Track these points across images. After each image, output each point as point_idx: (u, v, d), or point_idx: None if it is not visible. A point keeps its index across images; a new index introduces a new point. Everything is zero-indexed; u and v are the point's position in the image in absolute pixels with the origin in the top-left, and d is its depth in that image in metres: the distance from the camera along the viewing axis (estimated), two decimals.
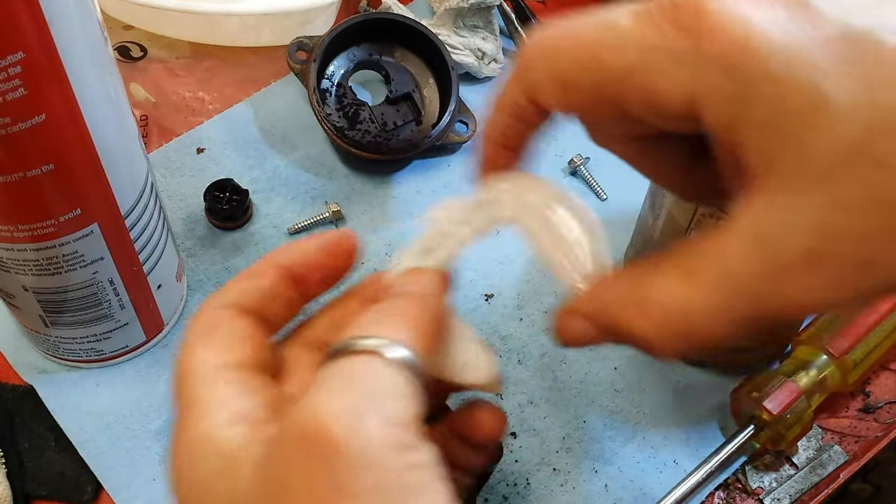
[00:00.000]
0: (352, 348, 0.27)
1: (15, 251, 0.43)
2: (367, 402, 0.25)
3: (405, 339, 0.28)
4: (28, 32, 0.35)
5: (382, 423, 0.25)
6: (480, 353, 0.34)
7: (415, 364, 0.27)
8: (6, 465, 0.50)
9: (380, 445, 0.24)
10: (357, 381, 0.26)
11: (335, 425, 0.24)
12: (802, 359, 0.52)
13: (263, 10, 0.63)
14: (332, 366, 0.27)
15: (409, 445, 0.25)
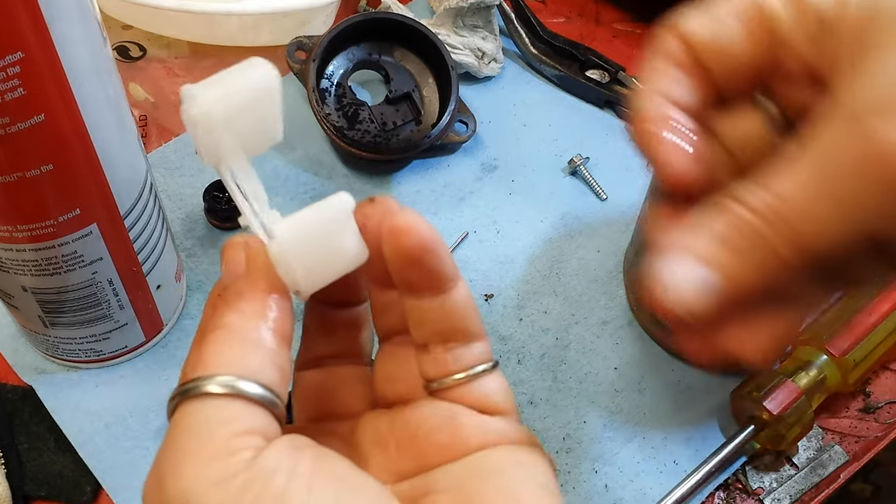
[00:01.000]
0: (178, 395, 0.27)
1: (14, 251, 0.43)
2: (173, 453, 0.26)
3: (231, 368, 0.27)
4: (27, 32, 0.35)
5: (193, 468, 0.25)
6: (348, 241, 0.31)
7: (234, 388, 0.27)
8: (5, 466, 0.50)
9: (194, 490, 0.25)
10: (169, 435, 0.27)
11: (149, 492, 0.26)
12: (803, 359, 0.52)
13: (262, 9, 0.63)
14: (172, 416, 0.27)
15: (229, 473, 0.25)
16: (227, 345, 0.27)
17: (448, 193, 0.61)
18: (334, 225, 0.29)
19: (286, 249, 0.29)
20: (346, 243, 0.29)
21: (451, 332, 0.31)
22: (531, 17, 0.67)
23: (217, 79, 0.30)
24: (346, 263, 0.30)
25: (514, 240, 0.60)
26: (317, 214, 0.29)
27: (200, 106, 0.29)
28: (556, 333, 0.56)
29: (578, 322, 0.57)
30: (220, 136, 0.29)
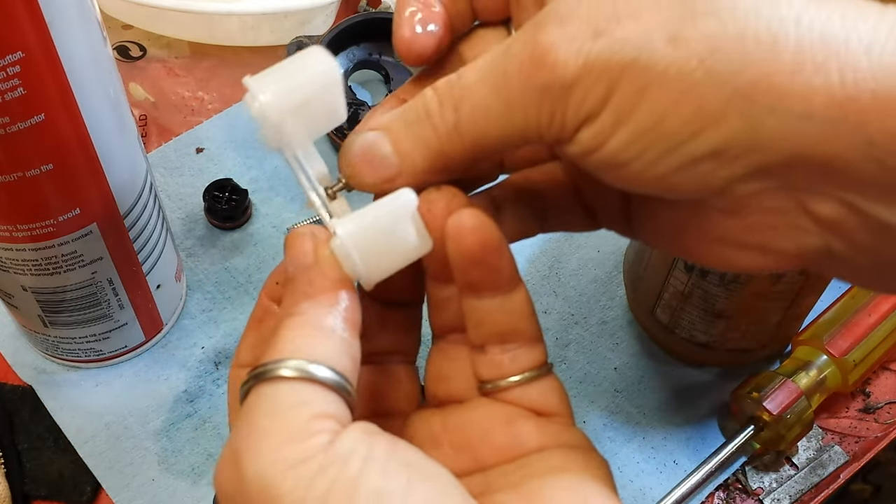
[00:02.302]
0: (253, 377, 0.27)
1: (14, 251, 0.43)
2: (250, 434, 0.26)
3: (306, 354, 0.27)
4: (27, 32, 0.35)
5: (271, 448, 0.25)
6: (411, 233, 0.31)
7: (308, 372, 0.27)
8: (5, 466, 0.50)
9: (273, 470, 0.25)
10: (246, 415, 0.27)
11: (226, 472, 0.26)
12: (802, 359, 0.52)
13: (263, 9, 0.63)
14: (245, 399, 0.28)
15: (306, 455, 0.25)
16: (301, 331, 0.28)
17: None
18: (398, 222, 0.29)
19: (349, 244, 0.29)
20: (408, 237, 0.29)
21: (509, 334, 0.31)
22: None
23: (279, 71, 0.30)
24: (409, 254, 0.30)
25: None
26: (381, 210, 0.29)
27: (265, 102, 0.30)
28: (556, 333, 0.56)
29: (578, 322, 0.57)
30: (285, 128, 0.30)
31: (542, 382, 0.31)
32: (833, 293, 0.54)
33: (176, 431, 0.51)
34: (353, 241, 0.29)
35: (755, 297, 0.48)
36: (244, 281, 0.57)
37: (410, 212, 0.29)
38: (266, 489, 0.25)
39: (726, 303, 0.48)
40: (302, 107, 0.30)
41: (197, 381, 0.53)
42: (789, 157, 0.24)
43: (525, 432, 0.30)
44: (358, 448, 0.26)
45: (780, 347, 0.54)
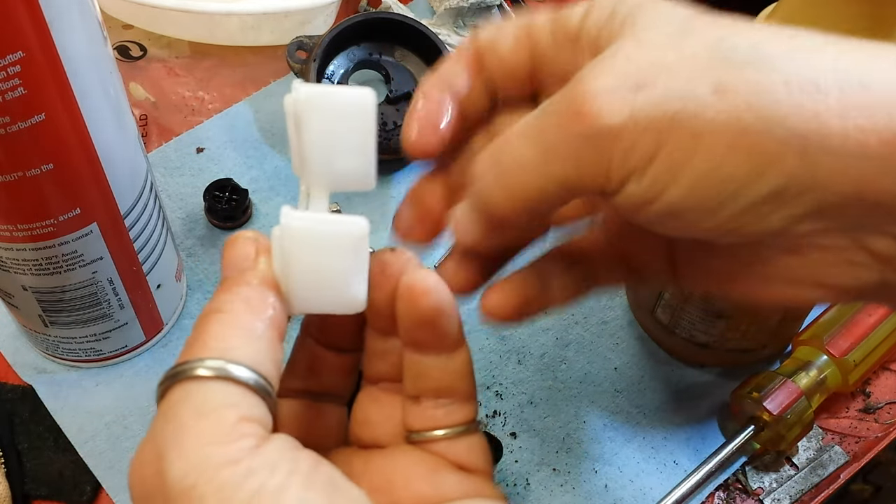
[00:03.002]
0: (171, 376, 0.27)
1: (14, 251, 0.43)
2: (176, 432, 0.26)
3: (224, 351, 0.27)
4: (27, 32, 0.35)
5: (197, 448, 0.25)
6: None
7: (231, 373, 0.27)
8: (5, 465, 0.50)
9: (199, 470, 0.25)
10: (170, 413, 0.26)
11: (146, 467, 0.26)
12: (803, 359, 0.52)
13: (263, 9, 0.63)
14: (167, 396, 0.27)
15: (233, 458, 0.25)
16: (227, 330, 0.28)
17: None
18: (340, 240, 0.29)
19: (289, 238, 0.29)
20: (349, 278, 0.29)
21: (446, 391, 0.32)
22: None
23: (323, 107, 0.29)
24: (342, 300, 0.30)
25: None
26: (331, 225, 0.29)
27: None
28: (556, 333, 0.56)
29: (578, 322, 0.57)
30: (314, 166, 0.30)
31: (470, 438, 0.33)
32: None
33: None
34: (291, 239, 0.28)
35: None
36: None
37: (355, 246, 0.29)
38: (191, 489, 0.25)
39: (726, 303, 0.48)
40: (334, 152, 0.30)
41: None
42: (846, 195, 0.25)
43: (448, 483, 0.31)
44: (284, 459, 0.26)
45: (781, 347, 0.54)
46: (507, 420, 0.53)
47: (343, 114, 0.29)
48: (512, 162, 0.28)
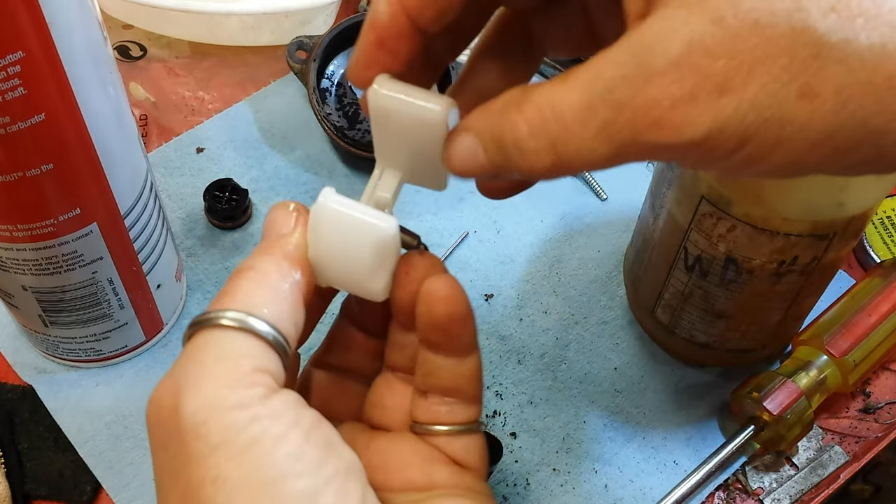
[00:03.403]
0: (198, 322, 0.29)
1: (14, 251, 0.43)
2: (195, 372, 0.28)
3: (250, 306, 0.29)
4: (27, 32, 0.35)
5: (213, 389, 0.27)
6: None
7: (253, 327, 0.28)
8: (5, 465, 0.50)
9: (210, 408, 0.27)
10: (192, 355, 0.28)
11: (164, 400, 0.28)
12: (802, 359, 0.52)
13: (263, 9, 0.63)
14: (192, 340, 0.29)
15: (243, 403, 0.27)
16: (255, 286, 0.29)
17: (448, 193, 0.61)
18: (364, 242, 0.31)
19: (320, 217, 0.31)
20: (370, 269, 0.31)
21: (453, 391, 0.33)
22: None
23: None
24: (362, 286, 0.31)
25: (514, 240, 0.60)
26: (359, 220, 0.31)
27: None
28: (556, 333, 0.56)
29: (578, 322, 0.57)
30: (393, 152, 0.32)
31: (469, 438, 0.34)
32: (833, 293, 0.54)
33: None
34: (321, 218, 0.31)
35: (755, 297, 0.48)
36: None
37: (378, 237, 0.30)
38: (199, 425, 0.26)
39: (726, 303, 0.48)
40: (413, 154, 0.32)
41: None
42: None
43: (439, 475, 0.33)
44: (288, 412, 0.27)
45: (781, 347, 0.54)
46: (507, 420, 0.53)
47: (414, 121, 0.30)
48: (577, 151, 0.26)
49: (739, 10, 0.24)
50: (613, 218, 0.61)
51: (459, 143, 0.29)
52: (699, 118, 0.24)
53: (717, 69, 0.24)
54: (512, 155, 0.28)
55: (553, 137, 0.26)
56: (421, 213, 0.60)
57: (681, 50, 0.24)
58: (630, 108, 0.25)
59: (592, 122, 0.26)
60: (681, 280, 0.49)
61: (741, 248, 0.45)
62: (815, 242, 0.44)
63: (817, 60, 0.24)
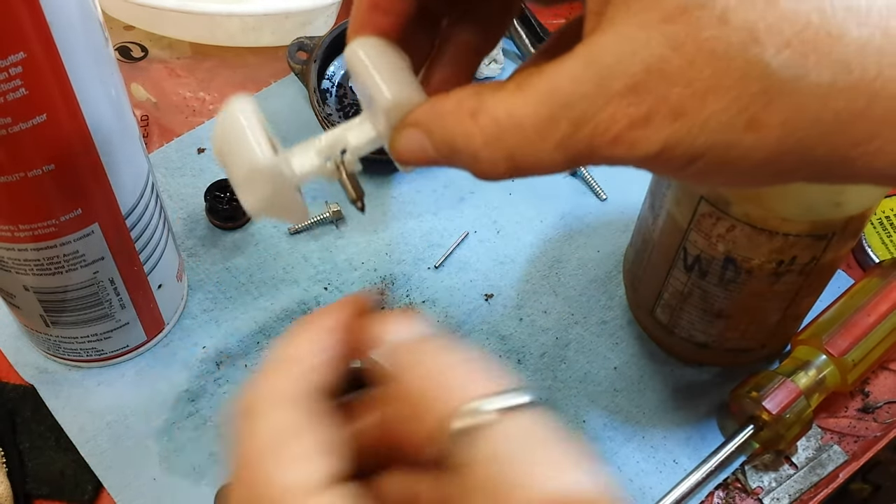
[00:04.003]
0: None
1: (16, 251, 0.43)
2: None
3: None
4: (29, 33, 0.35)
5: None
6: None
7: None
8: (7, 465, 0.50)
9: None
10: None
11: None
12: (802, 358, 0.52)
13: (264, 10, 0.63)
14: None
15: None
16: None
17: (448, 193, 0.61)
18: (244, 164, 0.31)
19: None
20: (243, 185, 0.31)
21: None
22: (531, 17, 0.67)
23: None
24: (238, 190, 0.31)
25: (514, 240, 0.60)
26: (247, 142, 0.31)
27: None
28: (556, 333, 0.56)
29: (578, 322, 0.57)
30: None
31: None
32: (832, 293, 0.54)
33: (177, 431, 0.52)
34: (226, 117, 0.31)
35: (754, 296, 0.48)
36: (245, 281, 0.57)
37: (249, 161, 0.30)
38: None
39: (725, 303, 0.49)
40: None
41: (198, 380, 0.53)
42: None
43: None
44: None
45: (780, 347, 0.54)
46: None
47: (372, 94, 0.31)
48: (525, 156, 0.27)
49: (698, 38, 0.24)
50: (613, 218, 0.61)
51: (408, 136, 0.30)
52: (653, 137, 0.25)
53: (673, 95, 0.25)
54: (463, 158, 0.28)
55: (510, 148, 0.27)
56: (421, 213, 0.61)
57: (639, 74, 0.25)
58: (590, 125, 0.26)
59: (552, 135, 0.26)
60: (680, 280, 0.49)
61: (740, 248, 0.45)
62: (814, 242, 0.44)
63: (767, 94, 0.24)
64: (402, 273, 0.58)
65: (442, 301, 0.57)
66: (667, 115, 0.25)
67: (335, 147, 0.32)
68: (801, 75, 0.24)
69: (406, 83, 0.31)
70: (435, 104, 0.29)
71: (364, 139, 0.32)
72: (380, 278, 0.58)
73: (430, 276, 0.58)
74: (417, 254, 0.59)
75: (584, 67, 0.26)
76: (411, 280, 0.58)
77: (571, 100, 0.26)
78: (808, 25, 0.24)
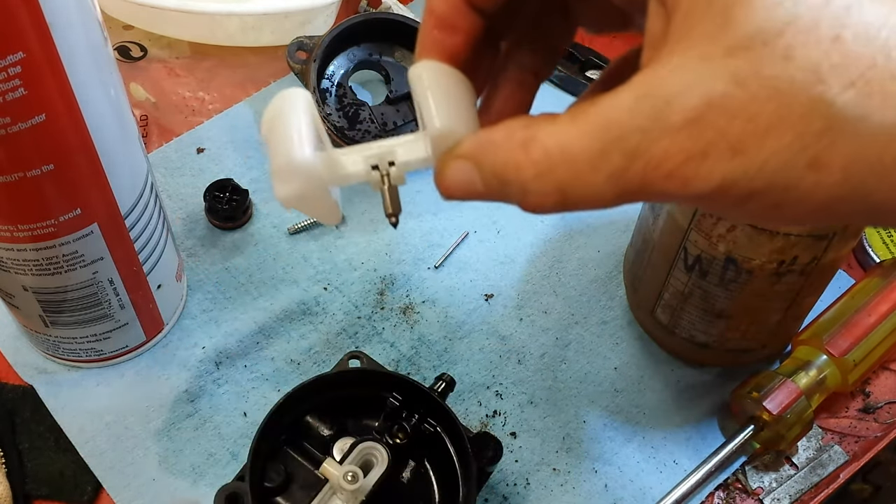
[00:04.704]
0: None
1: (15, 251, 0.43)
2: None
3: None
4: (28, 32, 0.35)
5: None
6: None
7: None
8: (6, 465, 0.50)
9: None
10: None
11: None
12: (802, 359, 0.52)
13: (264, 10, 0.63)
14: None
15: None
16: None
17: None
18: (281, 155, 0.30)
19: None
20: (278, 174, 0.30)
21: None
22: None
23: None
24: (272, 178, 0.31)
25: (514, 240, 0.60)
26: (289, 139, 0.30)
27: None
28: (556, 333, 0.56)
29: (578, 322, 0.57)
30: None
31: None
32: (833, 293, 0.54)
33: (177, 431, 0.52)
34: (282, 99, 0.30)
35: (755, 297, 0.48)
36: (245, 281, 0.57)
37: (286, 153, 0.30)
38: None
39: (726, 303, 0.49)
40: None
41: (198, 380, 0.53)
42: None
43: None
44: None
45: (780, 347, 0.54)
46: (507, 420, 0.53)
47: (423, 116, 0.31)
48: (581, 195, 0.27)
49: (761, 74, 0.24)
50: (613, 218, 0.61)
51: (456, 168, 0.29)
52: (710, 175, 0.25)
53: (734, 130, 0.24)
54: (513, 192, 0.28)
55: (561, 181, 0.27)
56: (421, 213, 0.61)
57: (699, 107, 0.24)
58: (644, 159, 0.25)
59: (604, 169, 0.26)
60: (680, 280, 0.49)
61: (741, 248, 0.45)
62: (815, 242, 0.44)
63: (830, 133, 0.24)
64: (402, 273, 0.58)
65: (442, 301, 0.57)
66: (725, 151, 0.24)
67: (384, 157, 0.32)
68: (865, 116, 0.24)
69: (460, 114, 0.30)
70: (485, 135, 0.29)
71: (413, 157, 0.31)
72: (380, 278, 0.58)
73: (430, 276, 0.58)
74: (417, 254, 0.59)
75: (639, 99, 0.25)
76: (411, 280, 0.58)
77: (625, 132, 0.25)
78: (873, 66, 0.23)
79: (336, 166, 0.31)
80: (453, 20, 0.31)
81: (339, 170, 0.31)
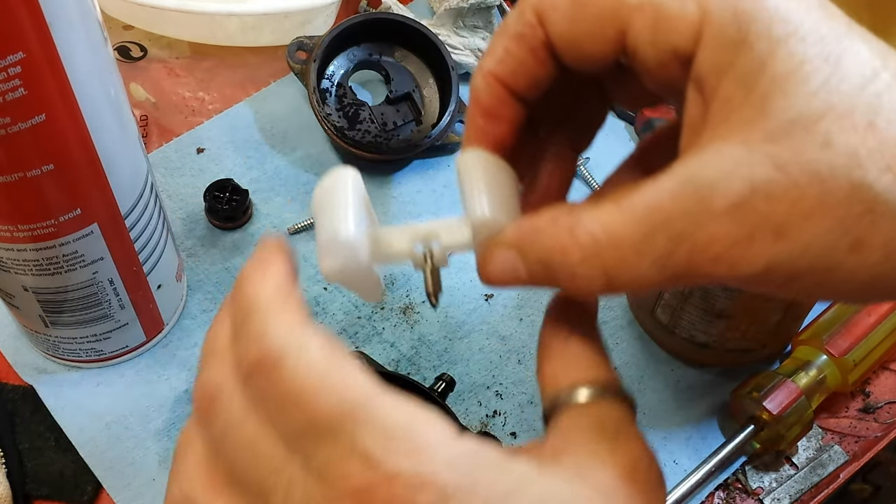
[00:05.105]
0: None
1: (15, 251, 0.43)
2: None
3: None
4: (28, 32, 0.35)
5: None
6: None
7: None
8: (6, 465, 0.50)
9: None
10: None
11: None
12: (802, 359, 0.52)
13: (263, 10, 0.63)
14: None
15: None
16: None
17: (448, 193, 0.61)
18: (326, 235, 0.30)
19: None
20: (323, 249, 0.30)
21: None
22: None
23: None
24: (318, 252, 0.31)
25: None
26: (336, 218, 0.30)
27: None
28: None
29: None
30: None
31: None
32: None
33: (177, 431, 0.52)
34: (331, 181, 0.31)
35: (755, 297, 0.48)
36: None
37: (331, 234, 0.30)
38: None
39: (726, 303, 0.49)
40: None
41: None
42: None
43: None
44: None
45: (780, 347, 0.54)
46: (507, 420, 0.53)
47: (466, 202, 0.31)
48: (629, 279, 0.27)
49: (802, 160, 0.25)
50: None
51: (499, 256, 0.29)
52: (755, 258, 0.25)
53: (777, 214, 0.25)
54: (560, 276, 0.28)
55: (607, 265, 0.27)
56: (421, 213, 0.61)
57: (743, 192, 0.25)
58: (689, 243, 0.26)
59: (650, 253, 0.26)
60: None
61: None
62: None
63: (870, 216, 0.25)
64: (402, 273, 0.58)
65: (442, 301, 0.57)
66: (769, 235, 0.25)
67: (429, 238, 0.32)
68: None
69: (503, 202, 0.30)
70: (528, 223, 0.29)
71: (456, 241, 0.31)
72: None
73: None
74: None
75: (683, 184, 0.26)
76: (411, 280, 0.58)
77: (671, 217, 0.26)
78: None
79: (380, 245, 0.31)
80: (498, 110, 0.31)
81: (383, 248, 0.31)
